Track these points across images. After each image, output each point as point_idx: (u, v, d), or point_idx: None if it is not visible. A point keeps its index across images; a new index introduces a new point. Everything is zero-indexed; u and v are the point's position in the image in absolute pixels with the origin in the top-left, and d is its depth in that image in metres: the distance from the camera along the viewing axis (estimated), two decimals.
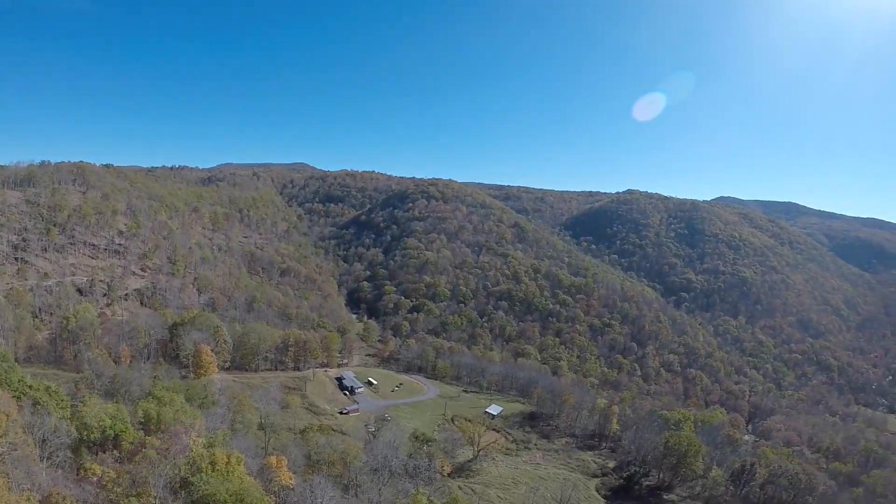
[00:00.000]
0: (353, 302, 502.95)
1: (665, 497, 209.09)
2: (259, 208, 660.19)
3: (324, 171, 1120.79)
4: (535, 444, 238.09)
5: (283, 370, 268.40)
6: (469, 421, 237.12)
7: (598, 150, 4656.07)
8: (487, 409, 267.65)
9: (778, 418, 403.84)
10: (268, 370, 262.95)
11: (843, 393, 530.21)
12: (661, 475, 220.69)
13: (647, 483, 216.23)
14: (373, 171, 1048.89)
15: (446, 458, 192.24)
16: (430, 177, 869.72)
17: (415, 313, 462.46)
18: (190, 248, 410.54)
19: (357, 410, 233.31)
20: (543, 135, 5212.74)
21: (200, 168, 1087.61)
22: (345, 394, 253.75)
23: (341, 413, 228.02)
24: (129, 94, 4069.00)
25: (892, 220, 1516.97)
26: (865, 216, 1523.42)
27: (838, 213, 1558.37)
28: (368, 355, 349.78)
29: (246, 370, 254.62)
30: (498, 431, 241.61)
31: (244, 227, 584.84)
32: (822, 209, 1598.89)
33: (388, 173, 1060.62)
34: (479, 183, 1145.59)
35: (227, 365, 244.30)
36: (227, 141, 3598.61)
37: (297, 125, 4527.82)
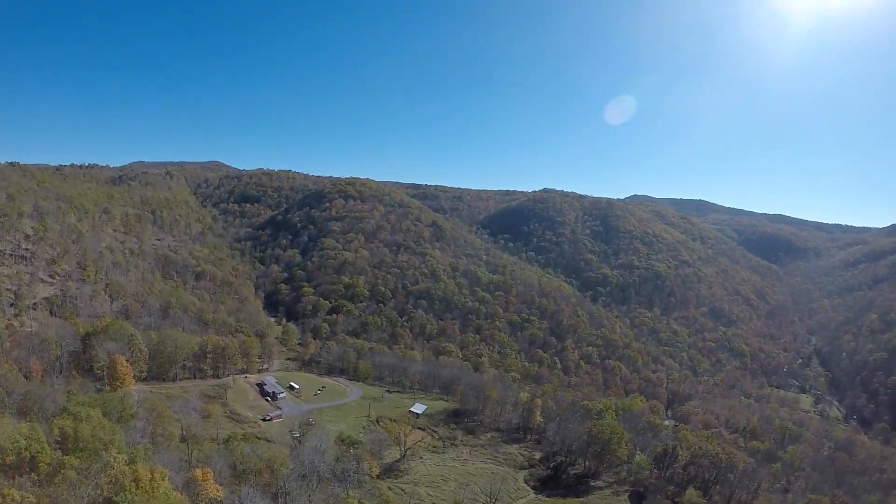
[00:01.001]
0: (272, 305, 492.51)
1: (592, 484, 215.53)
2: (172, 209, 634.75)
3: (239, 170, 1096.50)
4: (462, 441, 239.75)
5: (202, 378, 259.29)
6: (394, 421, 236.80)
7: (515, 150, 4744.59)
8: (412, 409, 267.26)
9: (696, 403, 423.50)
10: (186, 379, 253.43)
11: (757, 377, 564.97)
12: (586, 463, 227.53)
13: (573, 471, 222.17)
14: (289, 171, 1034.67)
15: (374, 459, 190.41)
16: (348, 176, 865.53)
17: (334, 314, 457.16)
18: (101, 252, 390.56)
19: (280, 416, 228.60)
20: (460, 134, 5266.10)
21: (111, 167, 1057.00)
22: (267, 400, 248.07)
23: (264, 420, 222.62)
24: (35, 87, 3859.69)
25: (797, 216, 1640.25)
26: (772, 212, 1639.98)
27: (747, 209, 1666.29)
28: (289, 359, 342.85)
29: (163, 380, 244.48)
30: (423, 430, 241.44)
31: (157, 230, 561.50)
32: (731, 206, 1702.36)
33: (305, 172, 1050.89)
34: (396, 182, 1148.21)
35: (144, 375, 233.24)
36: (139, 138, 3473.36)
37: (212, 122, 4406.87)
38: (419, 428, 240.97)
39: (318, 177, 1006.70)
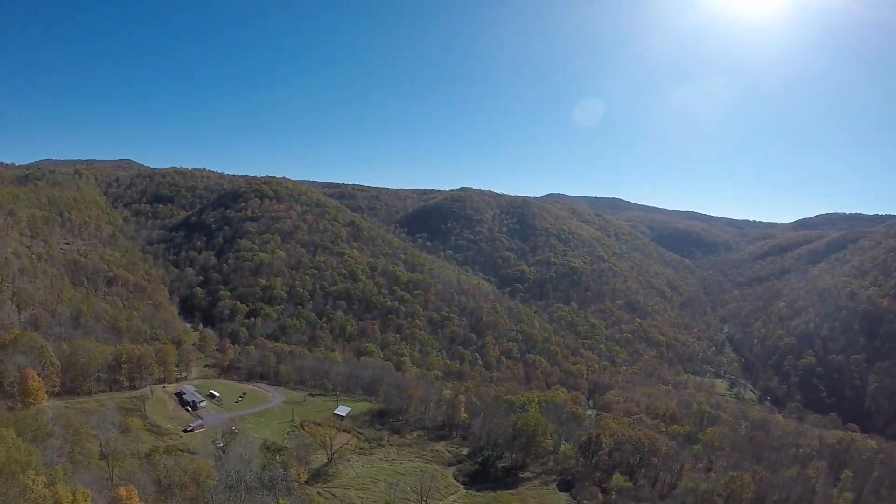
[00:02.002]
0: (187, 310, 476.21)
1: (521, 476, 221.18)
2: (82, 210, 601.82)
3: (151, 169, 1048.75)
4: (388, 441, 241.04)
5: (118, 390, 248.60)
6: (319, 425, 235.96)
7: (433, 149, 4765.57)
8: (336, 411, 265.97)
9: (616, 392, 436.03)
10: (102, 392, 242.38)
11: (673, 364, 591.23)
12: (513, 456, 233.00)
13: (501, 465, 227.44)
14: (204, 169, 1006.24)
15: (301, 465, 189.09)
16: (264, 175, 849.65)
17: (252, 318, 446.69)
18: (6, 257, 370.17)
19: (202, 426, 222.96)
20: (378, 133, 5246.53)
21: (16, 165, 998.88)
22: (187, 410, 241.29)
23: (186, 431, 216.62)
24: None
25: (706, 213, 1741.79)
26: (684, 209, 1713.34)
27: (659, 207, 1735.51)
28: (208, 366, 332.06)
29: (78, 394, 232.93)
30: (349, 432, 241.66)
31: (66, 232, 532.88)
32: (644, 204, 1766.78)
33: (221, 171, 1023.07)
34: (313, 181, 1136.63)
35: (57, 390, 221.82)
36: (46, 134, 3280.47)
37: (123, 118, 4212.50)
38: (344, 430, 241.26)
39: (234, 176, 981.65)
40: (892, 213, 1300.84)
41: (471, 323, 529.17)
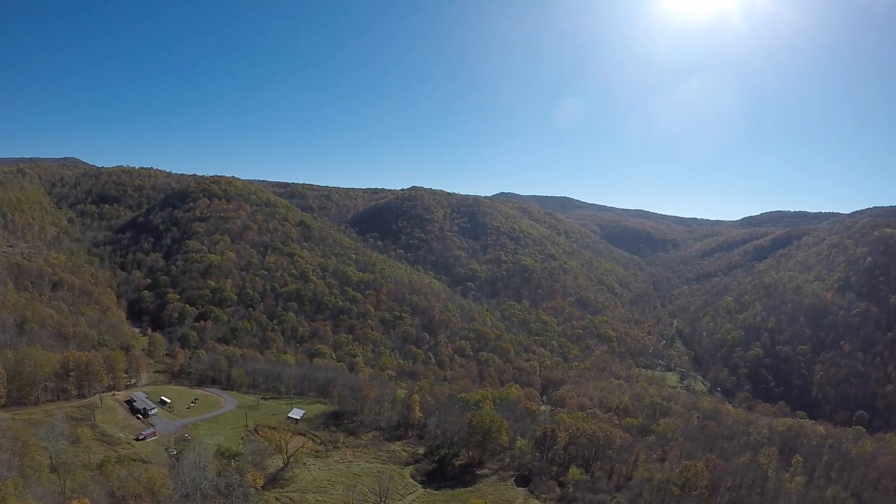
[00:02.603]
0: (135, 314, 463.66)
1: (478, 473, 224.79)
2: (25, 211, 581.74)
3: (97, 168, 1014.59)
4: (344, 442, 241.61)
5: (66, 399, 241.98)
6: (273, 428, 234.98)
7: (384, 148, 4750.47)
8: (290, 414, 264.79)
9: (569, 387, 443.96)
10: (50, 402, 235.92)
11: (625, 359, 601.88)
12: (470, 453, 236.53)
13: (458, 462, 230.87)
14: (151, 168, 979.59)
15: (257, 470, 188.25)
16: (213, 174, 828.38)
17: (202, 321, 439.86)
18: None
19: (154, 434, 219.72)
20: (329, 132, 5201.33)
21: None
22: (138, 417, 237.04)
23: (138, 439, 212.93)
24: None
25: (655, 211, 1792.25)
26: (633, 208, 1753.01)
27: (609, 205, 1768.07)
28: (158, 372, 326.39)
29: (25, 404, 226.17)
30: (304, 435, 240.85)
31: (8, 234, 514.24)
32: (594, 202, 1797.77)
33: (168, 170, 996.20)
34: (263, 180, 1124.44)
35: (3, 401, 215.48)
36: None
37: (68, 115, 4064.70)
38: (299, 433, 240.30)
39: (182, 175, 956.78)
40: (835, 211, 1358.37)
41: (423, 322, 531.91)
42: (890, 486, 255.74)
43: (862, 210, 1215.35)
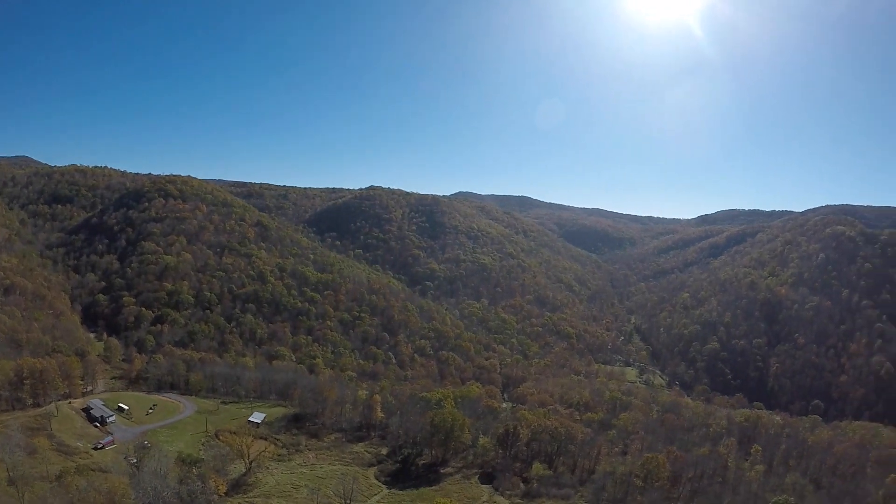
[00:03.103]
0: (90, 318, 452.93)
1: (442, 471, 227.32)
2: None
3: (50, 167, 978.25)
4: (306, 445, 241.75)
5: (21, 409, 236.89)
6: (234, 433, 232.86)
7: (341, 147, 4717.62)
8: (250, 418, 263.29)
9: (530, 384, 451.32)
10: (4, 411, 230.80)
11: (584, 355, 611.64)
12: (433, 452, 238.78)
13: (422, 462, 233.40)
14: (105, 167, 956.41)
15: (219, 476, 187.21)
16: (168, 173, 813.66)
17: (159, 325, 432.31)
18: None
19: (113, 442, 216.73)
20: (286, 131, 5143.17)
21: None
22: (96, 426, 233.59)
23: (96, 448, 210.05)
24: None
25: (612, 210, 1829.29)
26: (590, 207, 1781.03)
27: (567, 204, 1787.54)
28: (115, 378, 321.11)
29: None
30: (266, 439, 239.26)
31: None
32: (552, 202, 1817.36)
33: (123, 169, 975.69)
34: (219, 179, 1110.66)
35: None
36: None
37: (19, 112, 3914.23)
38: (261, 437, 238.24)
39: (137, 174, 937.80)
40: (788, 209, 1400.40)
41: (382, 322, 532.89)
42: (847, 472, 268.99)
43: (814, 208, 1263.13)
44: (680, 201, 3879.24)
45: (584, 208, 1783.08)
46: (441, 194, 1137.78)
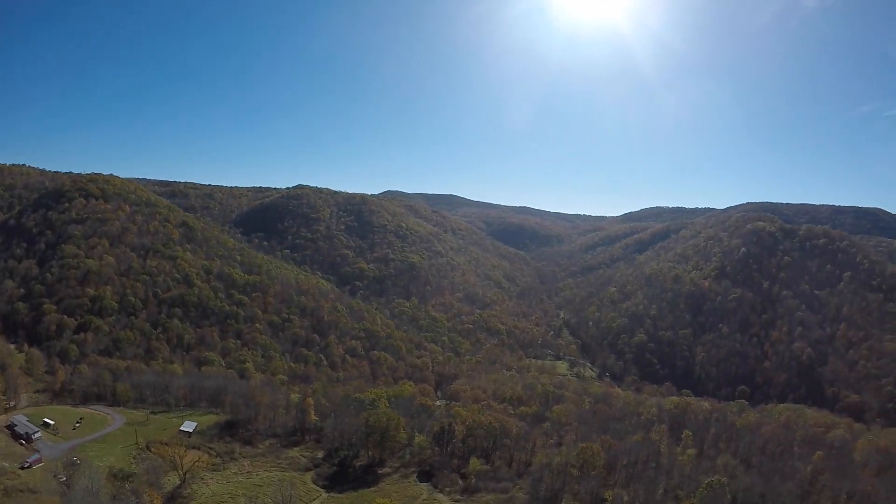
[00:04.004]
0: (9, 328, 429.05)
1: (380, 472, 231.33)
2: None
3: None
4: (240, 453, 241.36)
5: None
6: (166, 444, 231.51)
7: (268, 146, 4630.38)
8: (182, 428, 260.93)
9: (462, 381, 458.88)
10: None
11: (515, 350, 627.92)
12: (370, 453, 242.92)
13: (359, 463, 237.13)
14: (23, 165, 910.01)
15: (153, 489, 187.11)
16: (90, 171, 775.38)
17: (82, 333, 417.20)
18: None
19: (40, 460, 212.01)
20: (212, 128, 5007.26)
21: None
22: (21, 443, 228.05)
23: (23, 468, 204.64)
24: None
25: (539, 208, 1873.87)
26: (518, 205, 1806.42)
27: (494, 203, 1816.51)
28: (38, 392, 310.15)
29: None
30: (199, 448, 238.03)
31: None
32: (480, 200, 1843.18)
33: (42, 167, 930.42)
34: (143, 178, 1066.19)
35: None
36: None
37: None
38: (194, 447, 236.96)
39: (57, 173, 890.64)
40: (711, 207, 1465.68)
41: (312, 323, 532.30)
42: (775, 451, 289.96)
43: (736, 205, 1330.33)
44: (606, 200, 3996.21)
45: (512, 206, 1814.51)
46: (369, 193, 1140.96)
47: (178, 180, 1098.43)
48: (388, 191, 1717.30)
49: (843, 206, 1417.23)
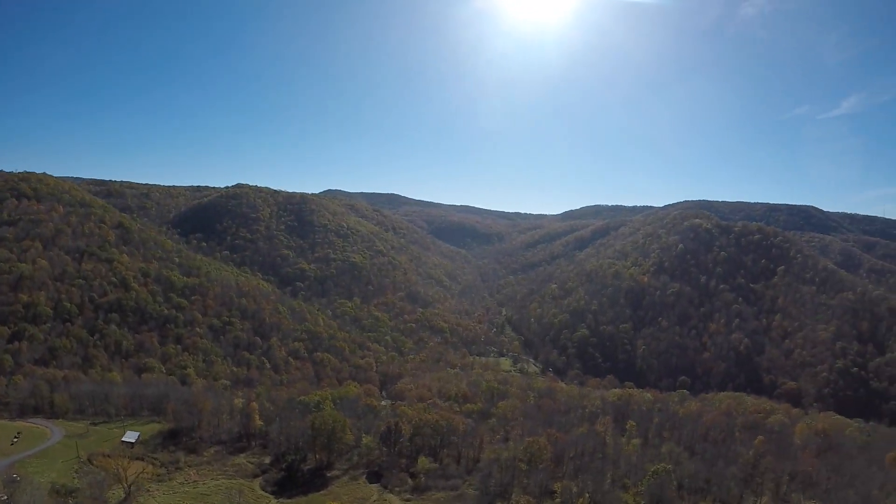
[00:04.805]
0: None
1: (329, 475, 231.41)
2: None
3: None
4: (185, 462, 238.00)
5: None
6: (108, 456, 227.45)
7: (206, 143, 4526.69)
8: (124, 438, 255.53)
9: (407, 380, 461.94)
10: None
11: (458, 348, 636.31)
12: (317, 456, 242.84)
13: (307, 467, 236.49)
14: None
15: None
16: (21, 170, 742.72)
17: (16, 342, 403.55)
18: None
19: None
20: (147, 125, 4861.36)
21: None
22: None
23: None
24: None
25: (480, 207, 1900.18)
26: (459, 204, 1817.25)
27: (435, 202, 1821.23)
28: None
29: None
30: (142, 459, 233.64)
31: None
32: (421, 199, 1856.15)
33: None
34: (77, 177, 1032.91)
35: None
36: None
37: None
38: (137, 458, 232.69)
39: None
40: (649, 205, 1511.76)
41: (254, 326, 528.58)
42: (718, 438, 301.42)
43: (674, 203, 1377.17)
44: (546, 198, 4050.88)
45: (452, 205, 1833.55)
46: (310, 192, 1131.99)
47: (113, 179, 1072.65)
48: (329, 190, 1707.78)
49: (778, 204, 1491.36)
